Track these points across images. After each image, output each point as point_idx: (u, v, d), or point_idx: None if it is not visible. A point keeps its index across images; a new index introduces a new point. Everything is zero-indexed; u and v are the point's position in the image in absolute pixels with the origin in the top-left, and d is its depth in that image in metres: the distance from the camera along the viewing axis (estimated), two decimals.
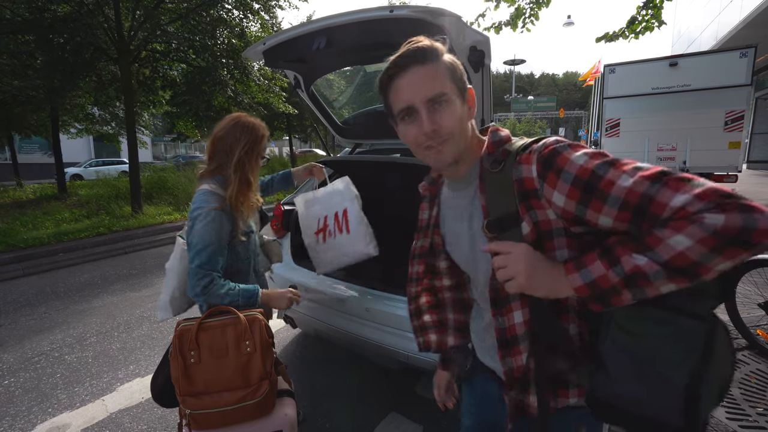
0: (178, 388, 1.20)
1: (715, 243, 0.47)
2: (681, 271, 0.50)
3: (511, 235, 0.65)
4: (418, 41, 0.67)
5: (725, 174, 6.53)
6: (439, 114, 0.66)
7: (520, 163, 0.66)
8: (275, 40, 1.88)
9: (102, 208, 8.14)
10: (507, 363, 0.74)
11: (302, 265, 2.33)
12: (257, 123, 1.42)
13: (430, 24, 1.49)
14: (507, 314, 0.72)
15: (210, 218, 1.29)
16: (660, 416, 0.58)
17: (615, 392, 0.61)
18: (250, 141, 1.37)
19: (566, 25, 18.73)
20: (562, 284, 0.60)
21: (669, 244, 0.50)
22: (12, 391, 2.43)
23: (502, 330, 0.73)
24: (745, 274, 2.41)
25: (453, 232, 0.83)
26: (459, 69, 0.69)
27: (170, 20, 7.40)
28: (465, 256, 0.81)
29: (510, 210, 0.66)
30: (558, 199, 0.61)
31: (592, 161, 0.58)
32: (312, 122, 15.70)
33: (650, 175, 0.53)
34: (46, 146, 14.62)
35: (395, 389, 2.27)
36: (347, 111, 3.47)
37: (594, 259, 0.57)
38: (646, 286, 0.53)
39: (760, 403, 1.87)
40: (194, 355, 1.21)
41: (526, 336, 0.71)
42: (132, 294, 4.07)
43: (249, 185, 1.39)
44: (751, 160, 14.36)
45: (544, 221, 0.65)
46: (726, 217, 0.47)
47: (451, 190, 0.82)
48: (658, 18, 3.69)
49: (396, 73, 0.67)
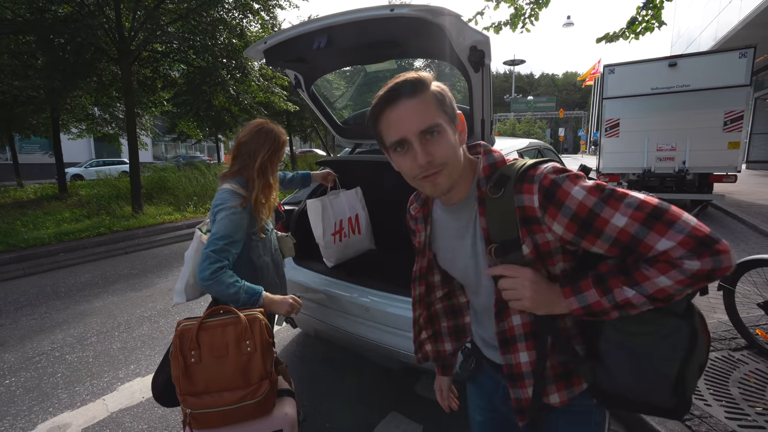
0: (179, 388, 1.21)
1: (690, 282, 0.59)
2: (661, 300, 0.62)
3: (513, 257, 0.70)
4: (405, 75, 0.69)
5: (724, 174, 6.53)
6: (432, 145, 0.68)
7: (521, 192, 0.69)
8: (276, 39, 1.89)
9: (102, 208, 8.15)
10: (507, 359, 0.79)
11: (303, 265, 2.33)
12: (279, 130, 1.53)
13: (430, 23, 1.49)
14: (506, 318, 0.78)
15: (231, 212, 1.37)
16: (655, 401, 0.68)
17: (615, 384, 0.69)
18: (272, 147, 1.48)
19: (566, 25, 18.74)
20: (559, 305, 0.69)
21: (654, 282, 0.60)
22: (13, 391, 2.43)
23: (503, 332, 0.79)
24: (744, 274, 2.41)
25: (448, 248, 0.85)
26: (447, 96, 0.71)
27: (171, 21, 7.41)
28: (462, 270, 0.84)
29: (513, 235, 0.70)
30: (557, 228, 0.67)
31: (590, 198, 0.63)
32: (312, 122, 15.70)
33: (640, 217, 0.60)
34: (47, 146, 14.65)
35: (395, 389, 2.28)
36: (347, 111, 3.48)
37: (589, 287, 0.66)
38: (631, 309, 0.64)
39: (759, 403, 1.88)
40: (195, 354, 1.22)
41: (524, 337, 0.76)
42: (132, 294, 4.07)
43: (270, 187, 1.49)
44: (750, 160, 14.35)
45: (544, 243, 0.70)
46: (701, 263, 0.57)
47: (445, 212, 0.83)
48: (658, 18, 3.69)
49: (386, 106, 0.68)
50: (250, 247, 1.49)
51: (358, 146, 2.90)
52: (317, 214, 2.15)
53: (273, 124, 1.53)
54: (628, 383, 0.68)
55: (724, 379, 2.07)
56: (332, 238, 2.18)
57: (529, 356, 0.76)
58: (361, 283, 2.02)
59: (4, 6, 6.31)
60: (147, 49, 7.79)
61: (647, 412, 0.72)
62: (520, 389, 0.78)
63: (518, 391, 0.78)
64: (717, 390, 1.98)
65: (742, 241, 5.12)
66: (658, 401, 0.67)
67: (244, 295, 1.34)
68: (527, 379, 0.77)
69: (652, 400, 0.68)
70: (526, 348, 0.76)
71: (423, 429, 1.97)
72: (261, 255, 1.54)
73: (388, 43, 1.83)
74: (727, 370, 2.15)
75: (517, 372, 0.77)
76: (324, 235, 2.17)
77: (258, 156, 1.46)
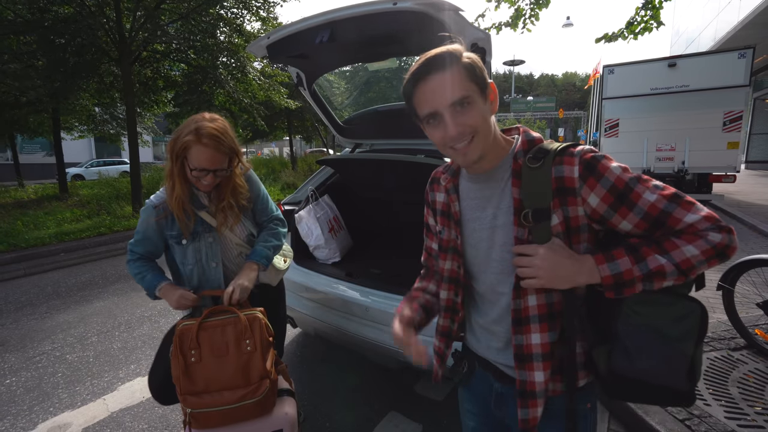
0: (179, 387, 1.21)
1: (711, 254, 0.65)
2: (683, 272, 0.66)
3: (541, 227, 0.71)
4: (436, 50, 0.71)
5: (724, 174, 6.53)
6: (463, 115, 0.70)
7: (561, 164, 0.72)
8: (279, 35, 1.90)
9: (103, 208, 8.14)
10: (518, 339, 0.78)
11: (303, 266, 2.34)
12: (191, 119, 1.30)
13: (431, 18, 1.50)
14: (524, 296, 0.77)
15: (143, 209, 1.39)
16: (671, 384, 0.70)
17: (633, 367, 0.70)
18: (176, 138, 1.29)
19: (565, 26, 18.74)
20: (582, 276, 0.69)
21: (682, 250, 0.65)
22: (14, 391, 2.44)
23: (518, 311, 0.77)
24: (744, 274, 2.42)
25: (470, 219, 0.84)
26: (478, 67, 0.72)
27: (171, 21, 7.41)
28: (473, 246, 0.83)
29: (545, 204, 0.71)
30: (593, 200, 0.70)
31: (626, 174, 0.69)
32: (313, 122, 15.70)
33: (668, 195, 0.67)
34: (48, 146, 14.63)
35: (395, 389, 2.28)
36: (348, 111, 3.48)
37: (622, 255, 0.68)
38: (657, 281, 0.67)
39: (758, 402, 1.88)
40: (195, 354, 1.23)
41: (538, 318, 0.76)
42: (133, 293, 4.08)
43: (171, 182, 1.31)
44: (749, 160, 14.36)
45: (574, 217, 0.72)
46: (722, 236, 0.65)
47: (471, 182, 0.84)
48: (656, 18, 3.70)
49: (418, 81, 0.71)
50: (173, 251, 1.42)
51: (358, 146, 2.90)
52: (313, 219, 2.43)
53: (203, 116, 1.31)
54: (645, 366, 0.69)
55: (723, 378, 2.08)
56: (330, 235, 2.51)
57: (541, 338, 0.75)
58: (361, 283, 2.03)
59: (5, 6, 6.32)
60: (147, 50, 7.80)
61: (657, 401, 0.72)
62: (528, 372, 0.76)
63: (525, 374, 0.77)
64: (716, 390, 1.99)
65: (741, 241, 5.12)
66: (674, 383, 0.69)
67: (143, 286, 1.39)
68: (536, 362, 0.75)
69: (669, 382, 0.69)
70: (539, 330, 0.75)
71: (423, 429, 1.97)
72: (185, 263, 1.40)
73: (390, 39, 1.83)
74: (727, 369, 2.15)
75: (527, 353, 0.76)
76: (323, 233, 2.44)
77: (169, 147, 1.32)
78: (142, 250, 1.42)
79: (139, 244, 1.41)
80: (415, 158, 2.12)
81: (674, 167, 6.64)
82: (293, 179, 12.27)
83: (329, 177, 2.85)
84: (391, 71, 3.50)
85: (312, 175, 2.87)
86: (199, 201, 1.41)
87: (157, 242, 1.42)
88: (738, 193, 8.57)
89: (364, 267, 2.38)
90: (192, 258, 1.40)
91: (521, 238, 0.74)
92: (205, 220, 1.40)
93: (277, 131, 17.20)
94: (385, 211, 3.00)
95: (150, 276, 1.38)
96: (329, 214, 2.59)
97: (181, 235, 1.37)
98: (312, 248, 2.49)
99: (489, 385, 0.88)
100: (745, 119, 6.28)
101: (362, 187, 2.98)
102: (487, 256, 0.81)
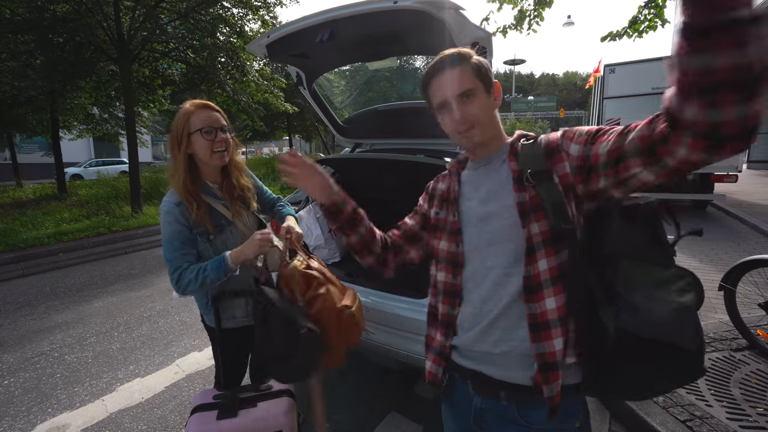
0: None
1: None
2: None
3: (546, 186, 0.77)
4: (450, 50, 0.85)
5: (725, 174, 6.52)
6: (467, 105, 0.82)
7: (548, 138, 0.83)
8: (279, 33, 1.89)
9: (102, 208, 8.14)
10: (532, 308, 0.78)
11: None
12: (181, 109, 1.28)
13: (432, 17, 1.49)
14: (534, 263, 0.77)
15: (164, 212, 1.26)
16: (679, 341, 0.68)
17: (642, 323, 0.68)
18: (173, 129, 1.28)
19: (566, 25, 18.72)
20: None
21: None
22: (12, 391, 2.43)
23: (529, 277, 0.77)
24: (745, 274, 2.41)
25: (467, 198, 0.90)
26: (484, 67, 0.84)
27: (170, 20, 7.40)
28: (471, 221, 0.86)
29: (541, 167, 0.79)
30: (574, 148, 0.76)
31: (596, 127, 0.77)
32: (313, 121, 15.71)
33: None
34: (46, 146, 14.61)
35: (395, 389, 2.27)
36: (348, 111, 3.47)
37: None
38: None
39: (760, 403, 1.87)
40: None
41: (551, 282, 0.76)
42: (132, 294, 4.06)
43: (177, 171, 1.28)
44: (751, 160, 14.35)
45: (563, 175, 0.77)
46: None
47: (472, 167, 0.93)
48: (661, 17, 3.68)
49: (433, 75, 0.85)
50: (199, 249, 1.32)
51: (358, 146, 2.89)
52: (314, 219, 2.44)
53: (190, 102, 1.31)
54: (654, 319, 0.68)
55: (725, 379, 2.06)
56: (330, 236, 2.49)
57: (557, 301, 0.75)
58: (361, 283, 2.02)
59: (2, 5, 6.29)
60: (146, 49, 7.78)
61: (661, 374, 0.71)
62: (546, 342, 0.75)
63: (543, 345, 0.75)
64: (718, 390, 1.98)
65: (743, 241, 5.11)
66: (682, 340, 0.67)
67: (212, 274, 1.24)
68: (553, 329, 0.74)
69: (676, 338, 0.67)
70: (553, 293, 0.75)
71: (423, 429, 1.96)
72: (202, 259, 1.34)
73: (390, 38, 1.82)
74: (728, 370, 2.14)
75: (542, 320, 0.75)
76: (324, 233, 2.44)
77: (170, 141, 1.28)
78: (189, 256, 1.27)
79: (182, 255, 1.25)
80: (415, 158, 2.11)
81: None
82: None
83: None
84: (392, 71, 3.48)
85: None
86: (214, 193, 1.39)
87: (194, 241, 1.29)
88: (740, 193, 8.56)
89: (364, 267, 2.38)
90: (220, 251, 1.32)
91: (522, 201, 0.78)
92: (222, 212, 1.37)
93: (277, 131, 17.20)
94: (385, 211, 2.99)
95: (209, 264, 1.24)
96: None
97: (207, 231, 1.31)
98: (312, 248, 2.48)
99: (468, 399, 0.87)
100: None
101: (362, 187, 2.96)
102: (480, 231, 0.84)
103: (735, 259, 2.48)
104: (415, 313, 1.71)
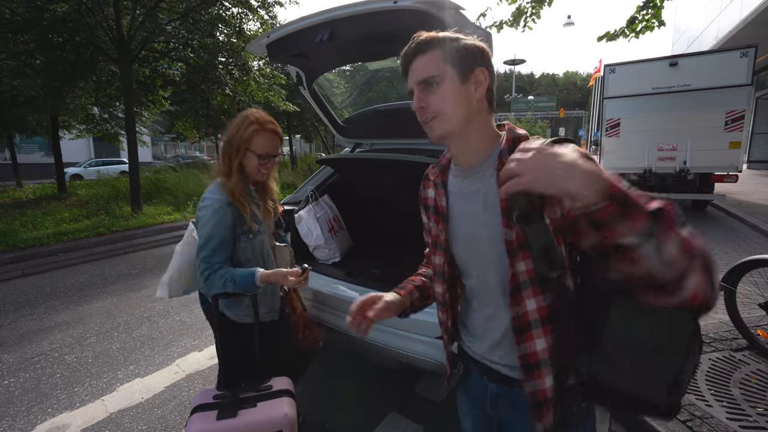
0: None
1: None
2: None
3: (535, 228, 0.64)
4: (422, 34, 0.76)
5: (726, 174, 6.52)
6: (428, 94, 0.74)
7: None
8: (279, 33, 1.89)
9: (102, 208, 8.13)
10: (522, 349, 0.75)
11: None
12: (249, 113, 1.38)
13: (432, 16, 1.49)
14: (521, 303, 0.74)
15: (213, 210, 1.31)
16: (649, 397, 0.64)
17: (613, 376, 0.66)
18: (238, 131, 1.35)
19: (566, 25, 18.71)
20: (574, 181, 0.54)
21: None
22: (12, 392, 2.43)
23: (517, 318, 0.75)
24: (746, 275, 2.41)
25: (456, 214, 0.84)
26: (462, 53, 0.74)
27: (170, 20, 7.39)
28: (464, 239, 0.82)
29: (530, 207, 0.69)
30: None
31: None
32: (313, 121, 15.71)
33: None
34: (46, 146, 14.62)
35: (395, 390, 2.27)
36: (348, 111, 3.47)
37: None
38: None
39: (760, 403, 1.87)
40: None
41: (540, 322, 0.73)
42: (132, 294, 4.06)
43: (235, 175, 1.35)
44: (751, 160, 14.34)
45: (553, 219, 0.69)
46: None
47: (458, 177, 0.84)
48: (658, 18, 3.69)
49: (405, 62, 0.78)
50: (237, 248, 1.39)
51: (358, 146, 2.89)
52: (313, 219, 2.42)
53: (253, 110, 1.41)
54: (625, 375, 0.65)
55: (725, 379, 2.06)
56: (330, 235, 2.50)
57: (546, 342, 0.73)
58: (361, 283, 2.02)
59: (2, 5, 6.29)
60: (146, 49, 7.78)
61: (634, 411, 0.69)
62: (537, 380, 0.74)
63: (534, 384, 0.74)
64: (718, 390, 1.98)
65: (743, 241, 5.11)
66: (653, 397, 0.64)
67: (239, 288, 1.30)
68: (543, 369, 0.73)
69: (647, 395, 0.64)
70: (542, 334, 0.73)
71: (423, 429, 1.96)
72: (249, 258, 1.42)
73: (390, 38, 1.82)
74: (729, 370, 2.14)
75: (534, 361, 0.74)
76: (324, 233, 2.43)
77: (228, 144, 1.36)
78: (223, 258, 1.32)
79: (218, 253, 1.31)
80: (415, 158, 2.11)
81: (676, 167, 6.62)
82: (293, 179, 12.26)
83: (329, 177, 2.84)
84: (392, 70, 3.48)
85: (312, 175, 2.86)
86: (253, 195, 1.46)
87: (232, 243, 1.36)
88: (740, 193, 8.56)
89: (364, 267, 2.37)
90: (257, 250, 1.43)
91: (509, 239, 0.72)
92: (257, 213, 1.45)
93: None
94: (385, 211, 2.99)
95: (239, 274, 1.31)
96: (329, 214, 2.58)
97: (250, 229, 1.39)
98: (312, 248, 2.47)
99: (484, 386, 0.87)
100: (747, 119, 6.26)
101: (362, 187, 2.96)
102: (474, 252, 0.81)
103: (735, 259, 2.47)
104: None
